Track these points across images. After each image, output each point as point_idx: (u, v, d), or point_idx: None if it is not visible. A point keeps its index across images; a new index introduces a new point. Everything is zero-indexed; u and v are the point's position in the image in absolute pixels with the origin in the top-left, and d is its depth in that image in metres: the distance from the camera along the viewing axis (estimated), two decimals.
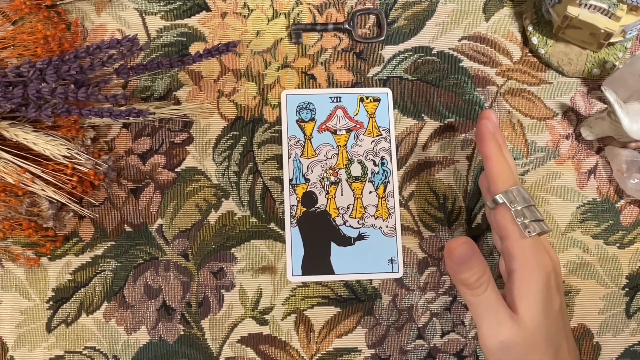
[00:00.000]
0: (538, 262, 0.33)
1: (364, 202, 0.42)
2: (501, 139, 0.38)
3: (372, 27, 0.45)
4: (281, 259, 0.41)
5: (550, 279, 0.33)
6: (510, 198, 0.34)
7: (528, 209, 0.34)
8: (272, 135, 0.43)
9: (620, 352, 0.41)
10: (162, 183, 0.42)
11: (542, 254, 0.34)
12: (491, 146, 0.36)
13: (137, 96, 0.43)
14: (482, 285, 0.33)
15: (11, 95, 0.35)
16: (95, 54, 0.36)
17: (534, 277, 0.33)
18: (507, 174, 0.35)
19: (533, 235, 0.33)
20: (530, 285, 0.33)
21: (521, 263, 0.34)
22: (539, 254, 0.34)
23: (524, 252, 0.34)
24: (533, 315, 0.33)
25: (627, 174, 0.41)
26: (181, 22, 0.44)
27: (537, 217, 0.34)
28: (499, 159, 0.36)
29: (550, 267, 0.34)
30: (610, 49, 0.44)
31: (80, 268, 0.41)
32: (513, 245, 0.34)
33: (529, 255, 0.33)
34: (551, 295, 0.33)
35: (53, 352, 0.40)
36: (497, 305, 0.33)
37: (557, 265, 0.35)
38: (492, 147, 0.36)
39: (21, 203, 0.38)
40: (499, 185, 0.35)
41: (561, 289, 0.35)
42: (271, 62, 0.44)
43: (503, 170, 0.35)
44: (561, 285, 0.35)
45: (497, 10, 0.46)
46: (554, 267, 0.34)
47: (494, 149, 0.36)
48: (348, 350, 0.40)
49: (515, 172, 0.37)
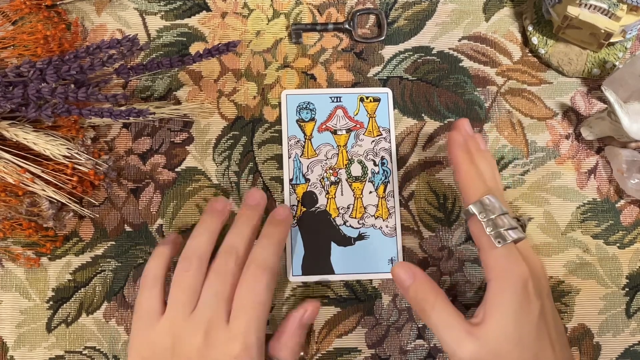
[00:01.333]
0: (511, 270, 0.33)
1: (364, 202, 0.42)
2: (475, 145, 0.37)
3: (372, 27, 0.45)
4: (281, 259, 0.41)
5: (527, 286, 0.33)
6: (480, 208, 0.34)
7: (498, 218, 0.34)
8: (272, 135, 0.43)
9: (620, 352, 0.41)
10: (162, 183, 0.42)
11: (516, 262, 0.33)
12: (458, 157, 0.36)
13: (137, 96, 0.43)
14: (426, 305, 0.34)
15: (11, 95, 0.35)
16: (95, 54, 0.36)
17: (507, 285, 0.33)
18: (476, 184, 0.35)
19: (504, 244, 0.33)
20: (502, 295, 0.33)
21: (494, 273, 0.33)
22: (513, 262, 0.33)
23: (496, 262, 0.33)
24: (502, 326, 0.32)
25: (627, 174, 0.41)
26: (181, 22, 0.44)
27: (508, 226, 0.33)
28: (468, 169, 0.35)
29: (527, 274, 0.33)
30: (611, 49, 0.44)
31: (80, 268, 0.41)
32: (486, 256, 0.34)
33: (501, 265, 0.33)
34: (528, 302, 0.32)
35: (53, 352, 0.40)
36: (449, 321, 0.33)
37: (538, 269, 0.35)
38: (459, 158, 0.36)
39: (21, 203, 0.38)
40: (469, 195, 0.35)
41: (543, 293, 0.34)
42: (271, 62, 0.44)
43: (472, 181, 0.35)
44: (543, 290, 0.34)
45: (497, 10, 0.46)
46: (534, 273, 0.33)
47: (462, 159, 0.36)
48: (348, 350, 0.40)
49: (492, 178, 0.36)
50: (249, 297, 0.33)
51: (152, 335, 0.33)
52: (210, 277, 0.34)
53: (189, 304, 0.33)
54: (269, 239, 0.36)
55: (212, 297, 0.33)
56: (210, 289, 0.34)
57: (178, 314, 0.33)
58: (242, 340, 0.32)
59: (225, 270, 0.34)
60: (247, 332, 0.32)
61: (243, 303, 0.33)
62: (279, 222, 0.38)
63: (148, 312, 0.34)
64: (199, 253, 0.35)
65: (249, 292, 0.33)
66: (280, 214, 0.38)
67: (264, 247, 0.36)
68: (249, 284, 0.34)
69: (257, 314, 0.33)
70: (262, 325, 0.33)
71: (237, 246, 0.35)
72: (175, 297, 0.34)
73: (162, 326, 0.33)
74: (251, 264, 0.34)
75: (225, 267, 0.34)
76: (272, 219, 0.38)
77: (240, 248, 0.35)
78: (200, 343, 0.32)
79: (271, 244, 0.36)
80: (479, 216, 0.34)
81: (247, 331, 0.32)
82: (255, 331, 0.33)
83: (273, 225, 0.37)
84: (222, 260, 0.35)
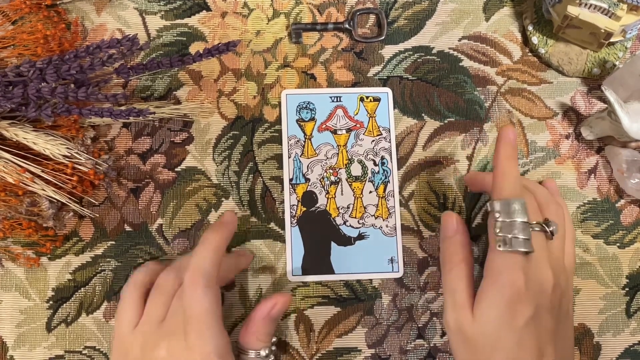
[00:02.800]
0: (503, 275, 0.33)
1: (364, 201, 0.42)
2: None
3: (372, 27, 0.45)
4: (281, 259, 0.41)
5: (517, 294, 0.32)
6: (497, 207, 0.34)
7: (510, 223, 0.33)
8: (272, 135, 0.43)
9: (620, 351, 0.41)
10: (162, 183, 0.42)
11: (511, 269, 0.32)
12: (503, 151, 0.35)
13: (137, 96, 0.43)
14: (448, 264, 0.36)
15: (11, 95, 0.35)
16: (95, 53, 0.36)
17: (494, 288, 0.33)
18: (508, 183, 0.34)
19: (504, 250, 0.33)
20: (488, 295, 0.33)
21: (488, 272, 0.34)
22: (508, 268, 0.33)
23: (493, 262, 0.34)
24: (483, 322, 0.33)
25: (627, 174, 0.41)
26: (181, 22, 0.44)
27: (518, 235, 0.33)
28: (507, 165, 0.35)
29: (520, 284, 0.32)
30: (611, 48, 0.44)
31: (80, 268, 0.41)
32: (489, 254, 0.34)
33: (496, 267, 0.33)
34: (513, 309, 0.32)
35: (53, 352, 0.40)
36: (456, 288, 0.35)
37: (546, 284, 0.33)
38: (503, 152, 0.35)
39: (21, 203, 0.38)
40: (495, 191, 0.35)
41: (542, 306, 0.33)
42: (271, 61, 0.44)
43: (505, 178, 0.34)
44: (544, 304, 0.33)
45: (497, 10, 0.46)
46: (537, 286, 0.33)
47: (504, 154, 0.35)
48: (348, 350, 0.40)
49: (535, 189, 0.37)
50: (192, 308, 0.33)
51: (127, 345, 0.34)
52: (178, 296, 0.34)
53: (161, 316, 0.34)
54: (204, 245, 0.35)
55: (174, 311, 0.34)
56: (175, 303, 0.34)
57: (149, 325, 0.34)
58: (198, 351, 0.32)
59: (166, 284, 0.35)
60: (201, 343, 0.32)
61: (189, 314, 0.33)
62: (218, 227, 0.37)
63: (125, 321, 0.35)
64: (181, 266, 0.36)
65: (191, 302, 0.33)
66: (223, 219, 0.38)
67: (198, 253, 0.35)
68: (187, 295, 0.33)
69: (205, 322, 0.33)
70: (215, 331, 0.33)
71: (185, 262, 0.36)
72: (148, 308, 0.35)
73: (134, 337, 0.34)
74: (188, 272, 0.34)
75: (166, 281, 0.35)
76: (213, 224, 0.38)
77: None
78: (164, 356, 0.32)
79: (206, 250, 0.35)
80: (495, 214, 0.34)
81: (201, 342, 0.32)
82: (209, 339, 0.33)
83: (211, 231, 0.36)
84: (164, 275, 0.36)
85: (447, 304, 0.35)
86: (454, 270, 0.36)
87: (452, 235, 0.37)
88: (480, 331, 0.33)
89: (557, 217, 0.36)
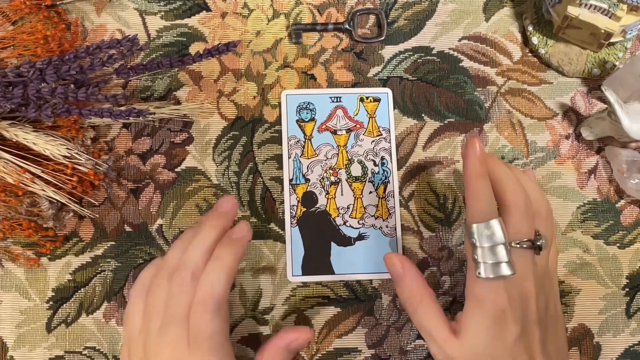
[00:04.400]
0: (486, 298, 0.32)
1: (364, 202, 0.42)
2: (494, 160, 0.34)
3: (372, 27, 0.45)
4: (281, 259, 0.41)
5: (502, 313, 0.32)
6: (474, 234, 0.32)
7: (488, 249, 0.32)
8: (272, 135, 0.43)
9: (620, 352, 0.41)
10: (162, 183, 0.42)
11: (494, 291, 0.32)
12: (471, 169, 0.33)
13: (137, 96, 0.43)
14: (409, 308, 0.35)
15: (11, 95, 0.35)
16: (95, 54, 0.36)
17: (478, 311, 0.32)
18: (481, 204, 0.32)
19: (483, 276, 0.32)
20: (473, 318, 0.32)
21: (470, 295, 0.33)
22: (490, 291, 0.32)
23: (474, 288, 0.33)
24: (472, 345, 0.32)
25: (627, 174, 0.41)
26: (181, 22, 0.44)
27: (499, 259, 0.31)
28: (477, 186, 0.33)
29: (505, 303, 0.31)
30: (611, 49, 0.44)
31: (80, 268, 0.41)
32: (469, 278, 0.33)
33: (479, 292, 0.32)
34: (501, 328, 0.32)
35: (53, 352, 0.40)
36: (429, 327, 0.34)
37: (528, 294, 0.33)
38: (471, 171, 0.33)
39: (21, 203, 0.38)
40: (470, 214, 0.33)
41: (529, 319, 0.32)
42: (271, 62, 0.44)
43: (478, 199, 0.32)
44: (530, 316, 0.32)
45: (497, 10, 0.46)
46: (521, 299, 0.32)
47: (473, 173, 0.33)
48: (348, 350, 0.40)
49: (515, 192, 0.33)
50: (200, 328, 0.32)
51: (132, 349, 0.34)
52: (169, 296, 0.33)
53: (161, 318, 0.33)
54: (220, 262, 0.33)
55: (172, 320, 0.33)
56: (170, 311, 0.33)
57: (150, 329, 0.33)
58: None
59: (181, 292, 0.33)
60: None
61: (195, 334, 0.32)
62: (234, 242, 0.35)
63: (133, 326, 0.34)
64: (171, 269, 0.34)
65: (199, 322, 0.32)
66: (238, 232, 0.35)
67: (212, 272, 0.33)
68: (197, 314, 0.32)
69: (211, 346, 0.32)
70: (220, 352, 0.32)
71: (195, 260, 0.34)
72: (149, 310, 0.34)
73: (138, 339, 0.33)
74: (198, 292, 0.33)
75: (181, 286, 0.33)
76: (228, 238, 0.35)
77: (198, 263, 0.34)
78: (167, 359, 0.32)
79: (221, 268, 0.33)
80: (472, 240, 0.32)
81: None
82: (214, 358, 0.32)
83: (226, 246, 0.34)
84: (179, 275, 0.33)
85: (429, 342, 0.34)
86: (418, 312, 0.34)
87: (401, 279, 0.35)
88: (471, 355, 0.32)
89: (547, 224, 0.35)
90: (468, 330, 0.33)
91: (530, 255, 0.33)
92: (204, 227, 0.35)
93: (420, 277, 0.35)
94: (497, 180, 0.33)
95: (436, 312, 0.34)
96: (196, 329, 0.32)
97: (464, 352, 0.33)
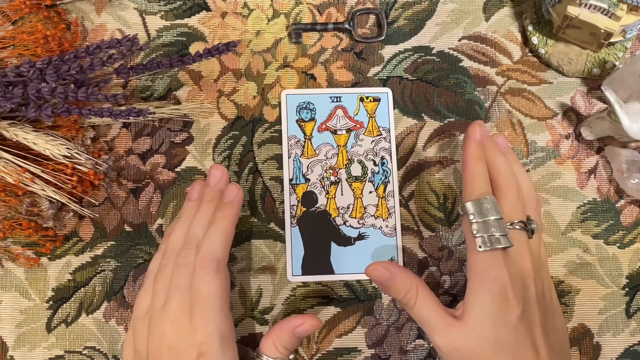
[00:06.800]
0: (488, 274, 0.33)
1: (364, 202, 0.42)
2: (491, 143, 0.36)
3: (372, 27, 0.45)
4: (281, 259, 0.41)
5: (505, 291, 0.33)
6: (471, 210, 0.34)
7: (488, 222, 0.33)
8: (272, 135, 0.43)
9: (620, 352, 0.41)
10: (162, 183, 0.42)
11: (495, 267, 0.33)
12: (469, 151, 0.36)
13: (137, 96, 0.43)
14: (409, 302, 0.35)
15: (11, 95, 0.35)
16: (95, 53, 0.36)
17: (482, 288, 0.33)
18: (477, 183, 0.35)
19: (485, 250, 0.33)
20: (477, 297, 0.33)
21: (472, 274, 0.34)
22: (491, 267, 0.33)
23: (475, 264, 0.34)
24: (477, 326, 0.33)
25: (627, 174, 0.41)
26: (181, 22, 0.44)
27: (496, 232, 0.33)
28: (474, 166, 0.35)
29: (506, 279, 0.33)
30: (610, 48, 0.44)
31: (80, 268, 0.41)
32: (469, 256, 0.35)
33: (480, 267, 0.34)
34: (505, 306, 0.33)
35: (53, 352, 0.40)
36: (430, 317, 0.34)
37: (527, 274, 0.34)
38: (470, 152, 0.36)
39: (21, 203, 0.38)
40: (466, 193, 0.35)
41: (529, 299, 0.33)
42: (271, 61, 0.44)
43: (474, 179, 0.35)
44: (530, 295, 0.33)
45: (497, 10, 0.46)
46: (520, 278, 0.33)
47: (472, 155, 0.35)
48: (348, 350, 0.40)
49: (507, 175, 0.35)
50: (200, 289, 0.34)
51: (137, 329, 0.35)
52: (175, 269, 0.35)
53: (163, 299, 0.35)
54: (215, 225, 0.36)
55: (176, 289, 0.34)
56: (175, 281, 0.35)
57: (155, 306, 0.35)
58: (201, 332, 0.33)
59: (186, 263, 0.35)
60: (205, 324, 0.33)
61: (195, 296, 0.34)
62: (226, 205, 0.37)
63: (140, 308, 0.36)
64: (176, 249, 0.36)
65: (199, 284, 0.34)
66: (229, 195, 0.37)
67: (209, 235, 0.35)
68: (197, 276, 0.34)
69: (210, 305, 0.34)
70: (218, 313, 0.34)
71: (198, 235, 0.36)
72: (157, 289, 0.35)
73: (144, 319, 0.35)
74: (198, 255, 0.35)
75: (186, 259, 0.35)
76: (220, 202, 0.37)
77: (200, 237, 0.36)
78: (169, 333, 0.33)
79: (217, 230, 0.35)
80: (470, 217, 0.34)
81: (204, 323, 0.33)
82: (212, 321, 0.33)
83: (220, 210, 0.36)
84: (183, 252, 0.35)
85: (430, 333, 0.35)
86: (416, 307, 0.35)
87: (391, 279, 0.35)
88: (476, 336, 0.33)
89: (536, 214, 0.37)
90: (472, 309, 0.33)
91: (524, 236, 0.35)
92: (203, 204, 0.37)
93: (409, 271, 0.36)
94: (493, 165, 0.36)
95: (435, 301, 0.35)
96: (196, 291, 0.34)
97: (469, 333, 0.33)
